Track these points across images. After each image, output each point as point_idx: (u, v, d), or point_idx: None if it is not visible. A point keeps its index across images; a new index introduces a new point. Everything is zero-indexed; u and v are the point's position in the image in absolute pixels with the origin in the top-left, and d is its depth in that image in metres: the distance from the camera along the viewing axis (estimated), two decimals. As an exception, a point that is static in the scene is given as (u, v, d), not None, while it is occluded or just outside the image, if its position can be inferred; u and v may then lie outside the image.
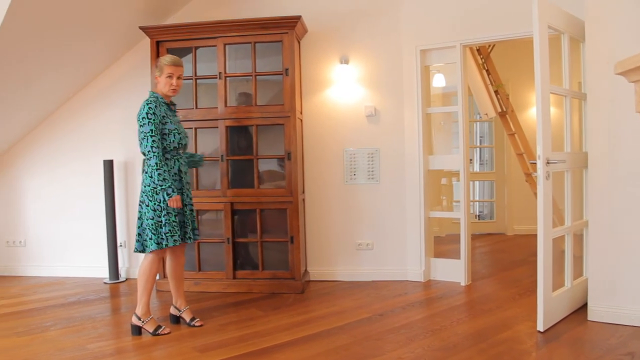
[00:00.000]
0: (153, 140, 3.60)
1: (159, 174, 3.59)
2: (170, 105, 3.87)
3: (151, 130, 3.60)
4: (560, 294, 3.82)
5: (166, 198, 3.60)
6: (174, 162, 3.75)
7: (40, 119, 5.46)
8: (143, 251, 3.71)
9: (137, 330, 3.71)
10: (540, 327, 3.59)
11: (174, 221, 3.64)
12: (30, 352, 3.42)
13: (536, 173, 3.61)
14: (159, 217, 3.63)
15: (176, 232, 3.65)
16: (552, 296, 3.69)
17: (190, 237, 3.83)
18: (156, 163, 3.60)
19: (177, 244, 3.66)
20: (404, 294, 4.66)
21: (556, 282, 3.75)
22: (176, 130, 3.73)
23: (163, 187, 3.59)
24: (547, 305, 3.61)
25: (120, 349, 3.46)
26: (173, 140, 3.71)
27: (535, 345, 3.38)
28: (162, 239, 3.63)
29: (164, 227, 3.62)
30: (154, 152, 3.60)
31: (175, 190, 3.61)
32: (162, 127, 3.68)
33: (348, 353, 3.33)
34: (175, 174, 3.74)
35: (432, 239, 5.23)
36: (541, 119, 3.54)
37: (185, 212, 3.81)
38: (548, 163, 3.57)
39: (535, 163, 3.63)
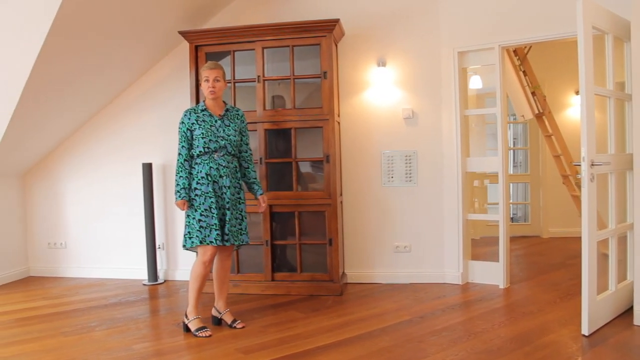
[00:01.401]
0: (179, 147, 3.82)
1: (176, 179, 3.79)
2: (216, 110, 3.90)
3: (179, 138, 3.83)
4: (605, 298, 3.76)
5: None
6: (203, 165, 3.77)
7: (80, 123, 5.56)
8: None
9: (186, 328, 3.83)
10: (585, 331, 3.53)
11: (192, 224, 3.75)
12: (79, 352, 3.49)
13: (579, 175, 3.56)
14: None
15: (195, 235, 3.73)
16: (597, 300, 3.64)
17: (218, 240, 3.71)
18: (176, 168, 3.82)
19: (190, 245, 3.76)
20: (443, 296, 4.64)
21: (599, 285, 3.69)
22: (201, 136, 3.77)
23: (175, 190, 3.77)
24: (592, 308, 3.55)
25: (165, 350, 3.51)
26: (197, 146, 3.78)
27: (581, 349, 3.34)
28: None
29: (185, 228, 3.81)
30: (177, 158, 3.82)
31: (182, 195, 3.74)
32: (190, 134, 3.82)
33: (391, 355, 3.32)
34: (202, 177, 3.76)
35: (469, 241, 5.19)
36: (586, 121, 3.49)
37: (214, 214, 3.72)
38: (593, 165, 3.52)
39: (578, 165, 3.58)
